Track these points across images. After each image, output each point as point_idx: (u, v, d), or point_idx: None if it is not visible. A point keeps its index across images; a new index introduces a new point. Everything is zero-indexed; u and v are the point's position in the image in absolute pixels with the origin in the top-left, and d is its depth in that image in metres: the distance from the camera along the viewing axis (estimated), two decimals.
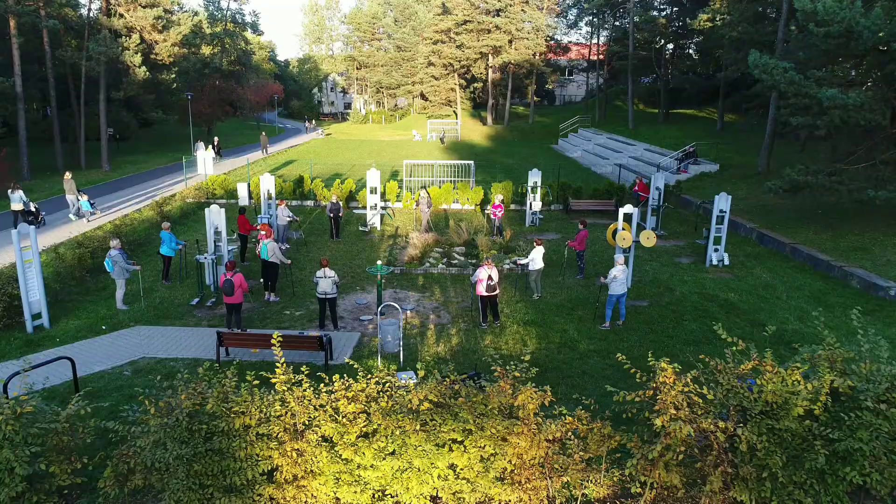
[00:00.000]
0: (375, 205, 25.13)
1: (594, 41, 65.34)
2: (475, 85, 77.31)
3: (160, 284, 17.90)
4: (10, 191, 23.61)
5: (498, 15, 65.00)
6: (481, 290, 14.86)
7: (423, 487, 7.47)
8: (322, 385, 7.42)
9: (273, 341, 7.81)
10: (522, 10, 64.92)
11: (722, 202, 19.86)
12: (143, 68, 36.46)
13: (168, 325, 15.22)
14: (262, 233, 17.60)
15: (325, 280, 14.70)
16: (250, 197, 27.29)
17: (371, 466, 7.32)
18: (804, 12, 19.55)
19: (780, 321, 15.58)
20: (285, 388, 7.39)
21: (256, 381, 7.58)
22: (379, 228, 25.08)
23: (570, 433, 7.64)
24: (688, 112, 56.95)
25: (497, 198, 23.64)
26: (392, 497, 7.55)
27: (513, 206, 28.94)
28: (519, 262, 18.20)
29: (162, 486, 7.47)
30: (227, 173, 33.98)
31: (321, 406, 7.35)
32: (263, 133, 54.98)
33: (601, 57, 63.62)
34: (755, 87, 29.61)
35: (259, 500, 7.46)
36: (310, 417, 7.35)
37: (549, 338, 14.65)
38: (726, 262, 20.20)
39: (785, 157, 32.09)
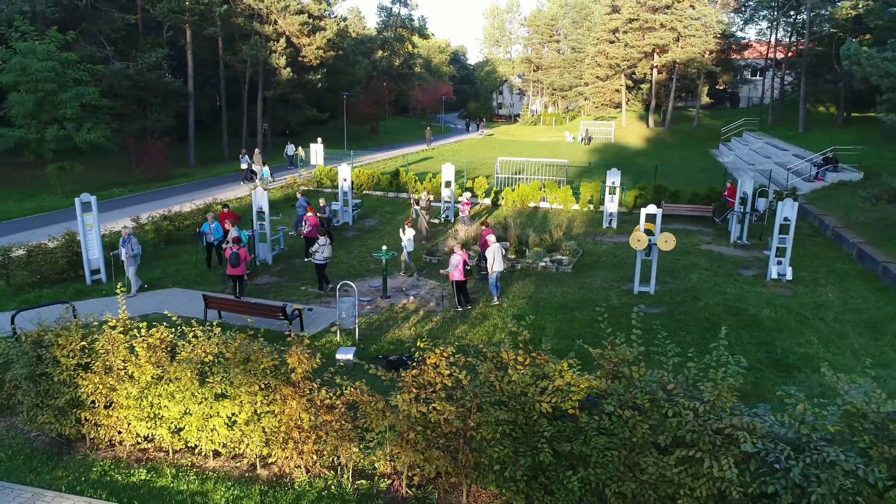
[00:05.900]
0: (449, 198, 25.83)
1: (772, 38, 59.34)
2: (644, 86, 74.02)
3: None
4: (241, 156, 34.45)
5: (665, 12, 61.75)
6: (457, 275, 15.13)
7: (211, 434, 8.18)
8: (134, 331, 8.43)
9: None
10: (691, 5, 61.03)
11: (787, 210, 17.72)
12: (288, 69, 40.51)
13: (199, 289, 17.29)
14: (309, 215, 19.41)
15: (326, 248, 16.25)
16: (352, 187, 29.42)
17: (165, 407, 8.19)
18: None
19: (798, 343, 13.74)
20: (111, 331, 8.52)
21: (96, 323, 8.81)
22: (452, 221, 25.69)
23: (342, 404, 7.87)
24: (879, 116, 49.84)
25: (465, 195, 24.07)
26: (192, 438, 8.37)
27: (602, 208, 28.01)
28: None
29: (22, 402, 9.01)
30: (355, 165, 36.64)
31: (130, 348, 8.37)
32: (428, 127, 58.60)
33: (778, 54, 57.75)
34: None
35: (85, 424, 8.68)
36: (124, 359, 8.39)
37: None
38: (789, 276, 17.93)
39: None
